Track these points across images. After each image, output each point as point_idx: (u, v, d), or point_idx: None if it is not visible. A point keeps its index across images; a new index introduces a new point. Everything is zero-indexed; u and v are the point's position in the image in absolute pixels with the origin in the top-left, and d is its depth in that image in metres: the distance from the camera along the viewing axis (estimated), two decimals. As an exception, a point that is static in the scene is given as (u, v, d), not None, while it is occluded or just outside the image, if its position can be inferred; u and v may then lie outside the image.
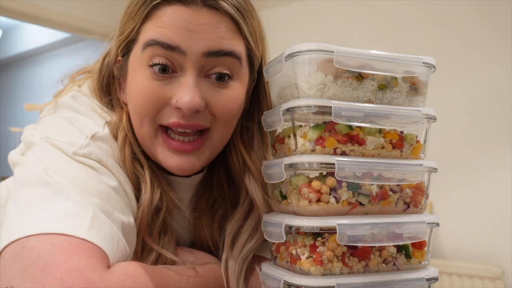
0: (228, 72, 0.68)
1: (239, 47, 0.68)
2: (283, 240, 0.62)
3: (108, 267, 0.56)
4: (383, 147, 0.63)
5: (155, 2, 0.65)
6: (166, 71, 0.66)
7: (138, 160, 0.72)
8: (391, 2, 2.56)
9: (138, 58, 0.68)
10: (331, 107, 0.59)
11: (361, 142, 0.62)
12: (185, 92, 0.65)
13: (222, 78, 0.68)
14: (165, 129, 0.69)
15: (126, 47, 0.71)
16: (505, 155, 2.17)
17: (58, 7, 2.94)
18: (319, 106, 0.60)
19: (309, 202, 0.59)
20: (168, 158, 0.69)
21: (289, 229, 0.60)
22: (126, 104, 0.73)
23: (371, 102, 0.64)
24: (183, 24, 0.64)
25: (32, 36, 4.48)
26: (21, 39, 4.64)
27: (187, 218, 0.82)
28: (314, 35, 2.79)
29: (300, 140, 0.62)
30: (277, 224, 0.63)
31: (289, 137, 0.65)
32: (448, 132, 2.25)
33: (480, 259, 2.17)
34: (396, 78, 0.65)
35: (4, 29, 4.56)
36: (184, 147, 0.68)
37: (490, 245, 2.17)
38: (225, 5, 0.66)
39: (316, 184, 0.59)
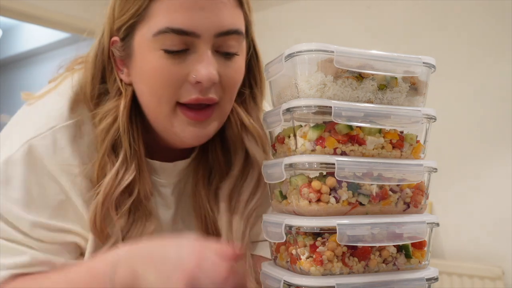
0: (234, 51, 0.70)
1: (241, 22, 0.71)
2: (283, 240, 0.62)
3: None
4: (383, 147, 0.63)
5: None
6: (179, 50, 0.67)
7: (117, 146, 0.72)
8: (391, 2, 2.56)
9: (148, 40, 0.67)
10: (331, 107, 0.59)
11: (361, 142, 0.62)
12: (204, 65, 0.66)
13: (229, 55, 0.70)
14: (182, 104, 0.70)
15: (129, 28, 0.70)
16: (506, 155, 2.17)
17: (58, 7, 2.94)
18: (319, 106, 0.60)
19: (309, 202, 0.59)
20: (186, 130, 0.71)
21: (289, 229, 0.60)
22: (130, 85, 0.73)
23: (371, 102, 0.64)
24: (194, 2, 0.65)
25: (32, 36, 4.47)
26: (21, 39, 4.64)
27: (171, 208, 0.81)
28: (314, 35, 2.78)
29: (300, 140, 0.62)
30: (277, 224, 0.63)
31: (289, 137, 0.65)
32: (448, 132, 2.25)
33: (480, 259, 2.17)
34: (396, 78, 0.65)
35: (4, 29, 4.56)
36: (199, 117, 0.70)
37: (490, 245, 2.17)
38: None
39: (316, 184, 0.59)
